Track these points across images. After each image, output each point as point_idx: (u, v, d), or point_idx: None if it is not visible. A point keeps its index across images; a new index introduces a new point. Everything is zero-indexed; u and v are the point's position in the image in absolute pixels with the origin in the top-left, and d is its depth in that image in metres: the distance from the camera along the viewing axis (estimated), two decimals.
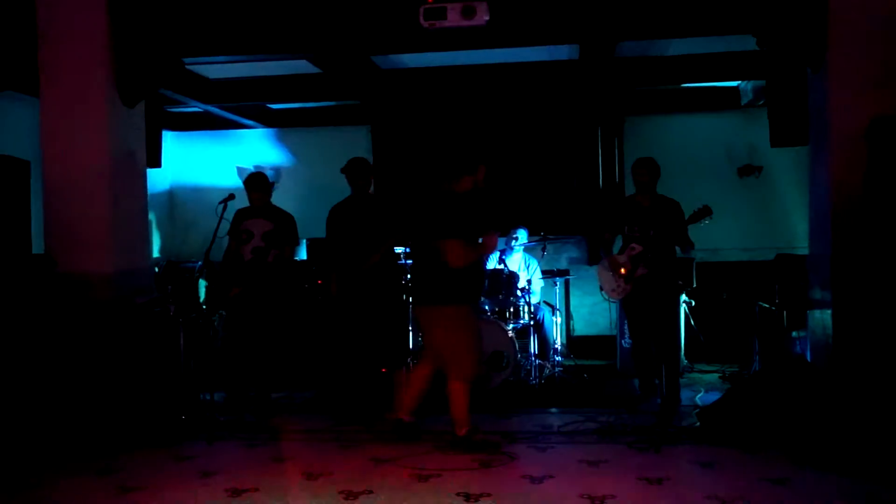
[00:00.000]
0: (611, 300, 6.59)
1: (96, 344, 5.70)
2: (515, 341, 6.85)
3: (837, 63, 5.63)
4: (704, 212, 5.93)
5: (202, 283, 8.11)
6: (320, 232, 8.46)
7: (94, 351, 5.67)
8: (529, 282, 7.81)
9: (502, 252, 7.79)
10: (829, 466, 4.62)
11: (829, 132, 5.67)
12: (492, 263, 7.86)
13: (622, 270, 6.14)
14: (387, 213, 6.44)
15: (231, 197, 6.30)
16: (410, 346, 7.00)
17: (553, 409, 6.39)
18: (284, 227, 6.57)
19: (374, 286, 6.26)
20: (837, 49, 5.62)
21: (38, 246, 6.22)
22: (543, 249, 8.10)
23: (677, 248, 6.16)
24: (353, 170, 6.45)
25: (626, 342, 7.85)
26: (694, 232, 6.10)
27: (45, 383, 5.53)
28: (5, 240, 5.61)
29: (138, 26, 6.23)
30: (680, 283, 6.91)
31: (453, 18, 5.71)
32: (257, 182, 6.62)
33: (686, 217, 6.01)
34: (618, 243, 6.39)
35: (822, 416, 4.98)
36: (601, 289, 6.45)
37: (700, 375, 7.61)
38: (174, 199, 10.47)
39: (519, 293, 7.25)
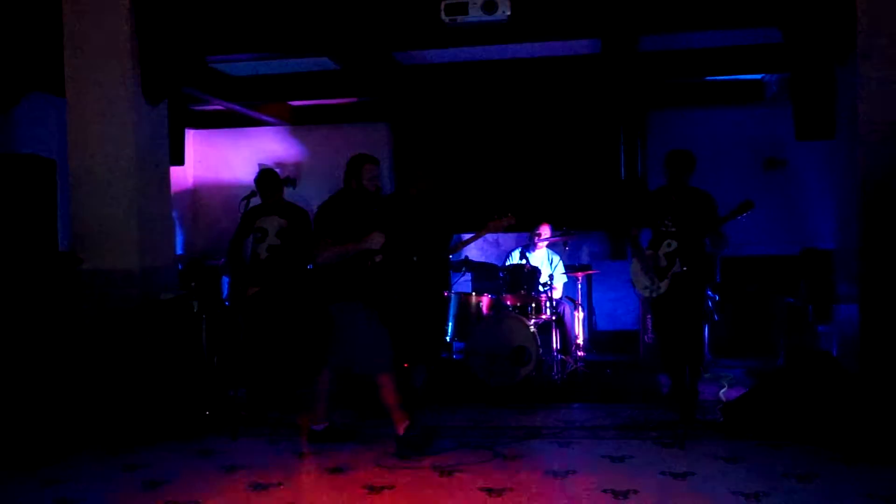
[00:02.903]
0: (645, 297, 6.36)
1: (121, 340, 5.76)
2: (538, 337, 6.83)
3: (865, 55, 5.56)
4: (746, 205, 5.73)
5: (225, 280, 8.16)
6: None
7: (119, 347, 5.73)
8: (552, 277, 7.78)
9: (525, 248, 7.78)
10: (856, 462, 4.58)
11: (856, 126, 5.60)
12: (514, 258, 7.86)
13: (659, 267, 5.98)
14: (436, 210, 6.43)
15: (253, 193, 6.33)
16: (436, 344, 6.95)
17: (575, 405, 6.37)
18: (299, 224, 6.43)
19: (409, 282, 6.24)
20: (865, 41, 5.55)
21: (64, 244, 6.30)
22: (566, 245, 8.07)
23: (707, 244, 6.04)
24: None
25: (648, 337, 7.80)
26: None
27: (70, 379, 5.59)
28: (32, 237, 5.69)
29: (162, 26, 6.28)
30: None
31: (474, 13, 5.70)
32: (268, 179, 6.59)
33: (727, 212, 5.82)
34: (643, 238, 6.26)
35: (849, 412, 4.94)
36: (634, 286, 6.29)
37: (724, 370, 7.54)
38: (197, 196, 10.54)
39: (541, 288, 7.23)
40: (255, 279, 6.38)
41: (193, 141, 10.24)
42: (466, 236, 6.54)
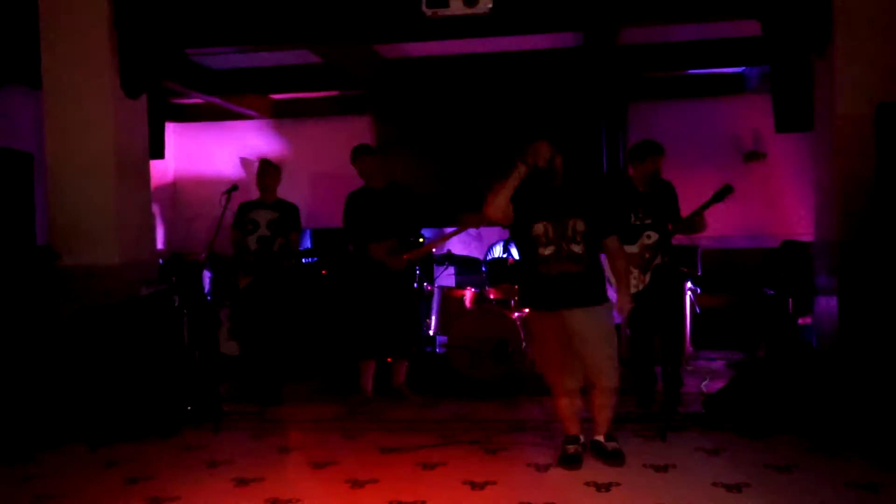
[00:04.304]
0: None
1: (101, 335, 5.70)
2: (521, 330, 6.84)
3: (842, 48, 5.60)
4: (726, 190, 5.69)
5: (206, 275, 8.12)
6: (324, 222, 8.45)
7: (99, 342, 5.68)
8: None
9: (508, 240, 7.79)
10: (836, 452, 4.62)
11: (833, 118, 5.65)
12: (496, 252, 7.87)
13: (642, 261, 5.86)
14: (409, 203, 6.40)
15: (234, 188, 6.31)
16: (418, 337, 6.93)
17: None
18: (288, 216, 6.59)
19: (386, 275, 6.22)
20: (843, 34, 5.59)
21: (43, 239, 6.23)
22: None
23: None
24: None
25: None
26: None
27: (49, 374, 5.54)
28: (9, 232, 5.63)
29: (141, 18, 6.22)
30: (685, 269, 6.85)
31: (456, 6, 5.68)
32: (273, 168, 6.74)
33: (709, 197, 5.76)
34: None
35: (829, 402, 4.98)
36: (609, 283, 6.21)
37: (705, 363, 7.59)
38: (178, 190, 10.47)
39: None
40: (246, 270, 6.50)
41: (174, 134, 10.15)
42: (449, 230, 6.51)
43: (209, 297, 7.77)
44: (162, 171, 9.89)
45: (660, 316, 5.99)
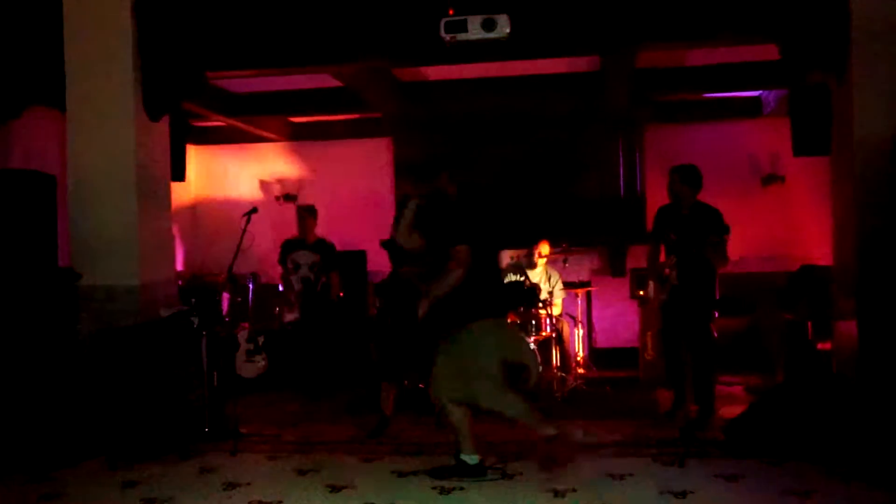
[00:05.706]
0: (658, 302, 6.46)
1: (120, 356, 5.74)
2: (537, 354, 6.82)
3: (860, 72, 5.59)
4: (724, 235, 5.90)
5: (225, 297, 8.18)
6: (340, 246, 8.46)
7: (119, 363, 5.71)
8: (551, 294, 7.78)
9: (524, 264, 7.79)
10: (857, 479, 4.57)
11: (852, 142, 5.63)
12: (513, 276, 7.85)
13: (662, 277, 6.18)
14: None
15: (254, 210, 6.35)
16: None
17: (576, 422, 6.35)
18: (328, 257, 7.39)
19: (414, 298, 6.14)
20: (861, 58, 5.59)
21: (64, 260, 6.29)
22: (565, 261, 8.07)
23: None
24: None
25: (648, 354, 7.82)
26: None
27: (68, 394, 5.58)
28: (32, 253, 5.69)
29: (163, 42, 6.30)
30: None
31: (474, 31, 5.72)
32: (307, 213, 7.56)
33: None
34: None
35: (849, 428, 4.93)
36: (648, 295, 6.55)
37: (723, 387, 7.51)
38: (198, 212, 10.55)
39: (540, 305, 7.22)
40: (292, 307, 7.37)
41: (195, 157, 10.24)
42: None
43: (227, 319, 7.82)
44: (182, 192, 9.97)
45: (684, 337, 6.17)
